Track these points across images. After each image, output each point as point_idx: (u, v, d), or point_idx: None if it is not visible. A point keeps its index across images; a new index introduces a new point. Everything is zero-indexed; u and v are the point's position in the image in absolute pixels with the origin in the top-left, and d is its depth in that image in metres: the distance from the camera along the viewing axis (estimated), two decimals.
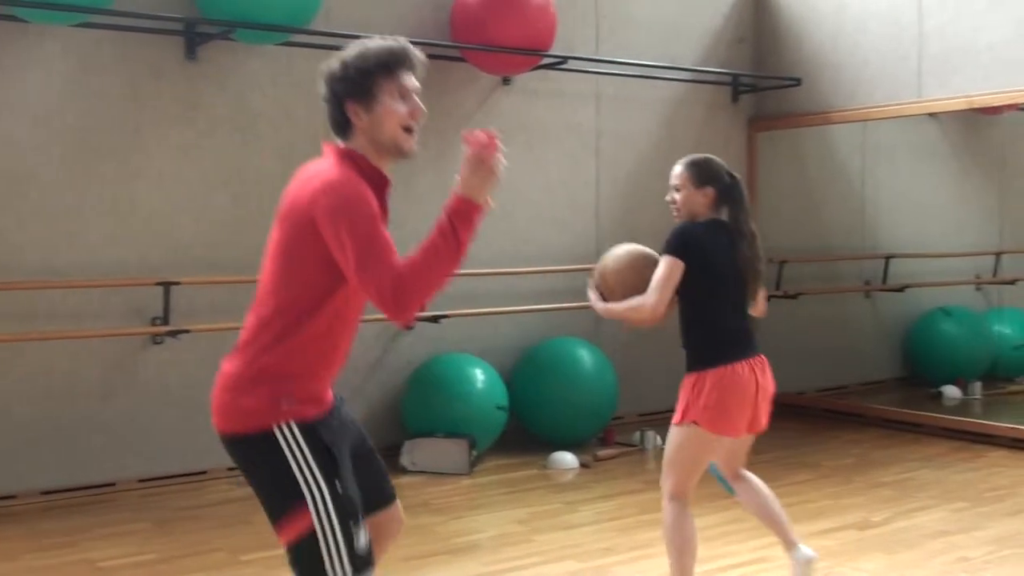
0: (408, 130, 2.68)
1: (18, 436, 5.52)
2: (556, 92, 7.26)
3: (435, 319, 6.58)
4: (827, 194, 8.75)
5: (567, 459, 6.38)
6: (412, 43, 6.24)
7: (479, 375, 6.44)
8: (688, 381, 3.73)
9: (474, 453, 6.21)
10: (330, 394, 2.78)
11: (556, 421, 6.77)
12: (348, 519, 2.55)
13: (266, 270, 2.67)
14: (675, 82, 7.79)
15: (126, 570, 4.54)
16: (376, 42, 2.69)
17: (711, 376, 3.67)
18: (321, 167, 2.64)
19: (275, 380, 2.58)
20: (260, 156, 6.13)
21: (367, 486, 2.76)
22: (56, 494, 5.59)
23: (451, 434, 6.21)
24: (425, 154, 6.63)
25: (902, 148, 8.87)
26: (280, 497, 2.56)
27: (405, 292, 2.47)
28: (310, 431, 2.58)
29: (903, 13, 7.27)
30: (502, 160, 2.62)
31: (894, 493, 5.72)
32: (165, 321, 5.77)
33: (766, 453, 6.96)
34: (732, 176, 3.84)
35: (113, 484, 5.77)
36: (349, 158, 2.64)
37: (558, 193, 7.35)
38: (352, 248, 2.48)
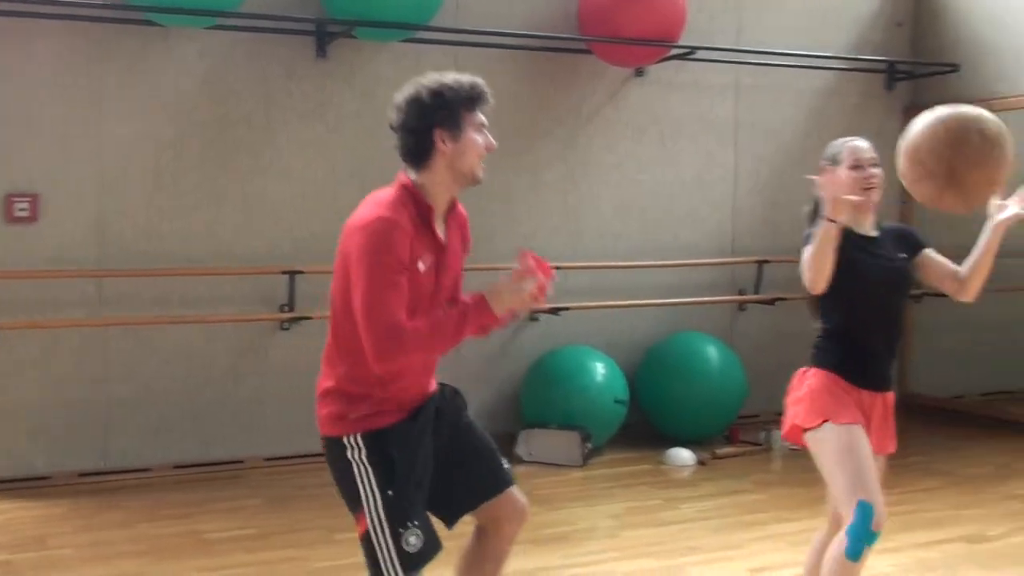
0: (480, 159, 2.88)
1: (156, 413, 5.95)
2: (691, 83, 7.16)
3: (555, 311, 6.62)
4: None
5: (683, 455, 6.32)
6: (538, 36, 6.40)
7: (599, 368, 6.45)
8: None
9: (588, 445, 6.23)
10: (418, 394, 2.93)
11: (679, 417, 6.71)
12: (397, 524, 2.78)
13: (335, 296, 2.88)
14: (823, 70, 7.53)
15: (228, 543, 4.83)
16: (456, 77, 2.86)
17: None
18: (382, 200, 2.82)
19: (342, 399, 2.85)
20: (386, 151, 6.28)
21: (472, 478, 2.99)
22: (187, 468, 5.99)
23: (565, 426, 6.26)
24: (553, 147, 6.78)
25: None
26: (347, 498, 2.87)
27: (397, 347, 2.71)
28: (375, 440, 2.81)
29: None
30: (546, 290, 2.84)
31: (1023, 507, 5.38)
32: (291, 308, 6.07)
33: (899, 459, 6.70)
34: None
35: (242, 461, 6.12)
36: (411, 194, 2.82)
37: (691, 187, 7.24)
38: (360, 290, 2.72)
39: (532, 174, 6.72)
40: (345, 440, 2.81)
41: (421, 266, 2.78)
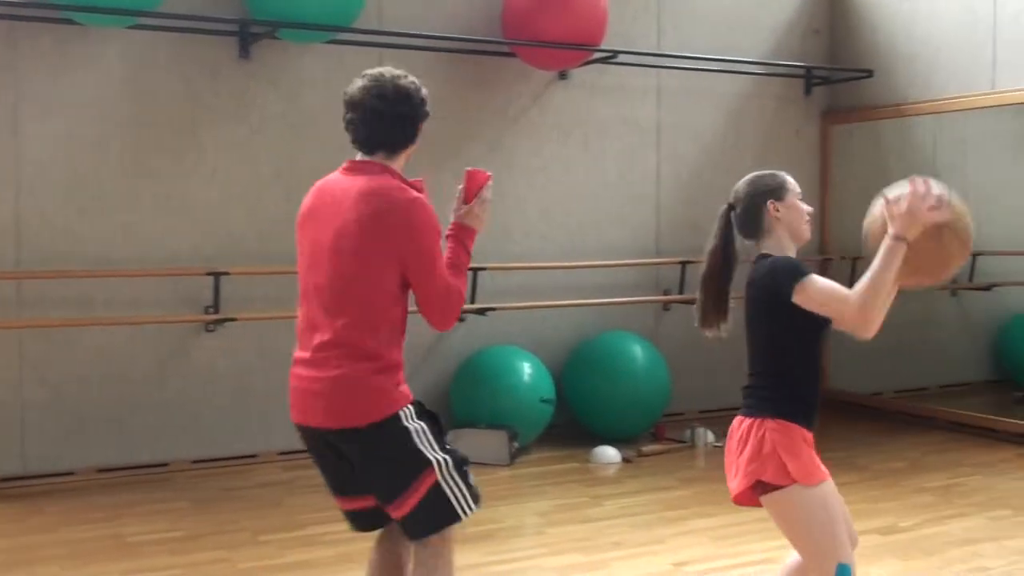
0: None
1: (77, 416, 5.86)
2: (615, 87, 7.26)
3: (482, 312, 6.67)
4: None
5: (609, 453, 6.40)
6: (462, 39, 6.44)
7: (525, 368, 6.51)
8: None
9: (515, 445, 6.29)
10: None
11: (606, 415, 6.79)
12: (462, 465, 3.03)
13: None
14: (743, 75, 7.69)
15: (152, 545, 4.79)
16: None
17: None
18: (394, 184, 3.06)
19: (383, 373, 2.98)
20: (311, 152, 6.32)
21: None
22: (111, 472, 5.91)
23: (493, 425, 6.30)
24: (478, 149, 6.82)
25: (994, 140, 8.53)
26: (409, 465, 2.95)
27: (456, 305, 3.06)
28: (416, 405, 3.02)
29: (977, 1, 7.01)
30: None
31: (935, 499, 5.55)
32: (216, 310, 6.03)
33: (821, 455, 6.86)
34: None
35: (167, 464, 6.07)
36: (395, 173, 3.07)
37: (616, 188, 7.34)
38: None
39: (457, 176, 6.72)
40: (400, 413, 2.94)
41: None
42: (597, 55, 6.82)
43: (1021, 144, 8.65)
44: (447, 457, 2.98)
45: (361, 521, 3.17)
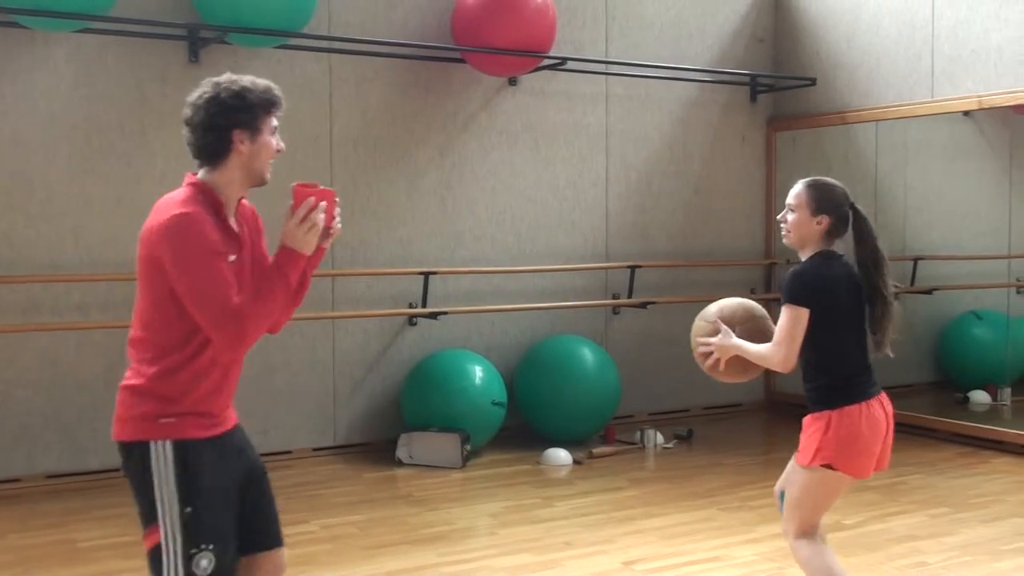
0: (270, 161, 2.90)
1: (23, 422, 5.81)
2: (564, 93, 7.34)
3: (434, 315, 6.71)
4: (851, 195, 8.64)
5: (561, 456, 6.46)
6: (412, 45, 6.42)
7: (477, 371, 6.55)
8: (817, 421, 3.49)
9: (467, 447, 6.33)
10: (224, 407, 2.87)
11: (557, 418, 6.86)
12: (190, 544, 2.68)
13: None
14: (690, 82, 7.81)
15: (103, 550, 4.77)
16: (254, 80, 2.91)
17: (846, 415, 3.46)
18: (173, 199, 2.77)
19: (152, 399, 2.73)
20: None
21: (252, 524, 2.90)
22: (59, 478, 5.87)
23: (445, 428, 6.35)
24: (428, 153, 6.87)
25: (933, 148, 8.72)
26: (143, 508, 2.75)
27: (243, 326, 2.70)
28: (184, 449, 2.71)
29: (916, 13, 7.19)
30: (335, 216, 2.87)
31: (878, 497, 5.67)
32: None
33: (760, 456, 6.99)
34: (854, 207, 3.54)
35: (116, 470, 6.00)
36: (201, 191, 2.80)
37: (566, 193, 7.42)
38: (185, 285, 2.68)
39: (408, 180, 6.79)
40: (152, 445, 2.70)
41: (232, 258, 2.78)
42: (546, 62, 6.89)
43: (959, 151, 8.87)
44: (177, 529, 2.68)
45: None
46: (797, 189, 3.58)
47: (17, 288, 5.74)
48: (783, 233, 3.62)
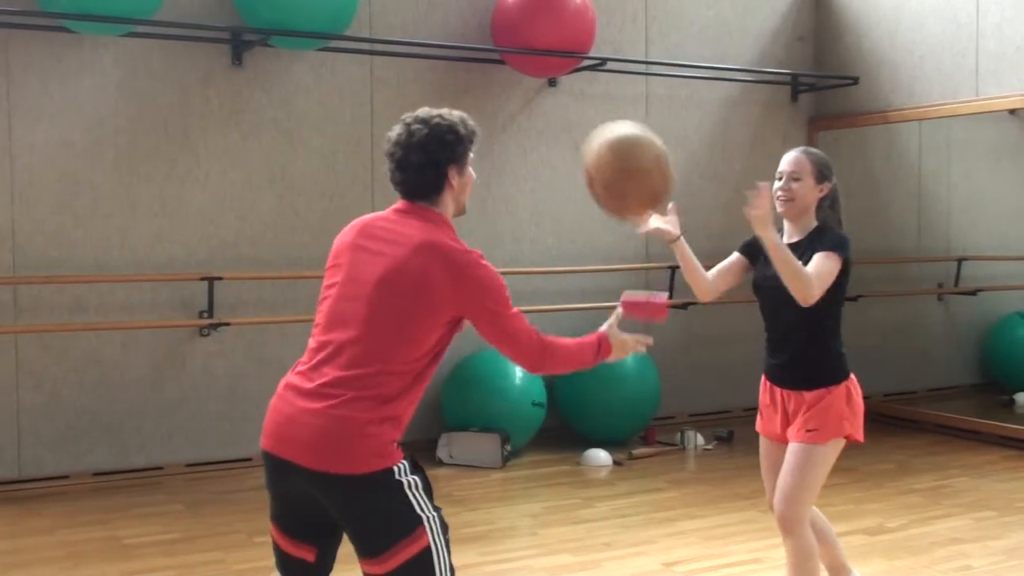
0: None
1: (71, 421, 5.90)
2: (603, 94, 7.33)
3: None
4: (894, 194, 8.58)
5: (600, 456, 6.46)
6: (452, 47, 6.42)
7: (517, 372, 6.56)
8: (833, 393, 3.46)
9: (507, 448, 6.35)
10: None
11: (597, 419, 6.86)
12: (447, 534, 2.84)
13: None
14: (730, 82, 7.77)
15: (148, 547, 4.83)
16: (453, 113, 2.97)
17: (853, 383, 3.51)
18: (449, 235, 2.87)
19: (392, 424, 2.79)
20: (303, 157, 6.38)
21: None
22: (106, 476, 5.96)
23: (485, 428, 6.37)
24: None
25: (978, 146, 8.63)
26: (397, 523, 2.73)
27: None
28: (411, 460, 2.82)
29: (961, 10, 7.11)
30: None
31: (922, 500, 5.63)
32: (210, 314, 6.08)
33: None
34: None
35: (161, 468, 6.11)
36: (447, 225, 2.90)
37: None
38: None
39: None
40: (395, 467, 2.74)
41: None
42: (586, 62, 6.89)
43: (1003, 150, 8.76)
44: (438, 526, 2.78)
45: (293, 569, 2.96)
46: (796, 156, 3.57)
47: (64, 288, 5.83)
48: (782, 201, 3.56)
